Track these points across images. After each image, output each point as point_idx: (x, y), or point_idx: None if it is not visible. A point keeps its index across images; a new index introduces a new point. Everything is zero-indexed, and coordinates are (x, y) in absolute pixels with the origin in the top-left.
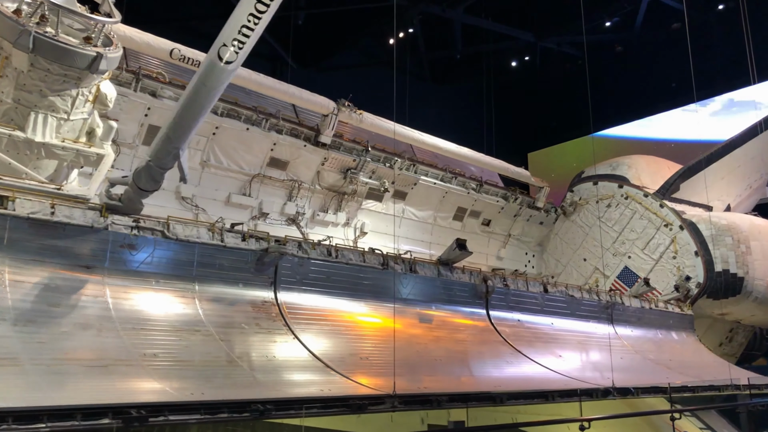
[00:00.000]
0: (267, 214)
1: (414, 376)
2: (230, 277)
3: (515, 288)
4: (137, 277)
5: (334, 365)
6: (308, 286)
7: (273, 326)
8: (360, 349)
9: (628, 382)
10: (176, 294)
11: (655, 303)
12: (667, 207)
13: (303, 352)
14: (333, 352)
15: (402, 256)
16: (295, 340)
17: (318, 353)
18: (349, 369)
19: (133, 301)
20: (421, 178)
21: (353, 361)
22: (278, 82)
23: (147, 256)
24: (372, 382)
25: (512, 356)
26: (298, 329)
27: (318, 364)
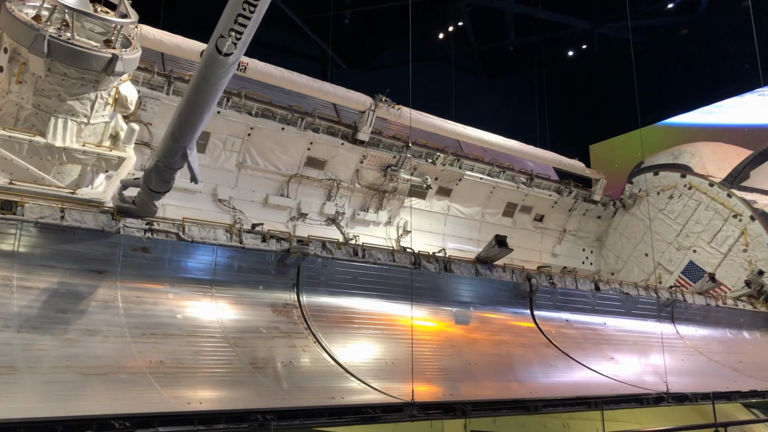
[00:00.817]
0: (306, 215)
1: (445, 382)
2: (250, 280)
3: (562, 286)
4: (151, 281)
5: (356, 371)
6: (333, 287)
7: (293, 330)
8: (387, 353)
9: (689, 386)
10: (192, 298)
11: (723, 300)
12: (736, 196)
13: (324, 357)
14: (357, 358)
15: (436, 254)
16: (316, 344)
17: (340, 358)
18: (373, 375)
19: (145, 306)
20: (466, 174)
21: (378, 366)
22: (312, 80)
23: (161, 259)
24: (394, 389)
25: (557, 359)
26: (320, 333)
27: (338, 369)
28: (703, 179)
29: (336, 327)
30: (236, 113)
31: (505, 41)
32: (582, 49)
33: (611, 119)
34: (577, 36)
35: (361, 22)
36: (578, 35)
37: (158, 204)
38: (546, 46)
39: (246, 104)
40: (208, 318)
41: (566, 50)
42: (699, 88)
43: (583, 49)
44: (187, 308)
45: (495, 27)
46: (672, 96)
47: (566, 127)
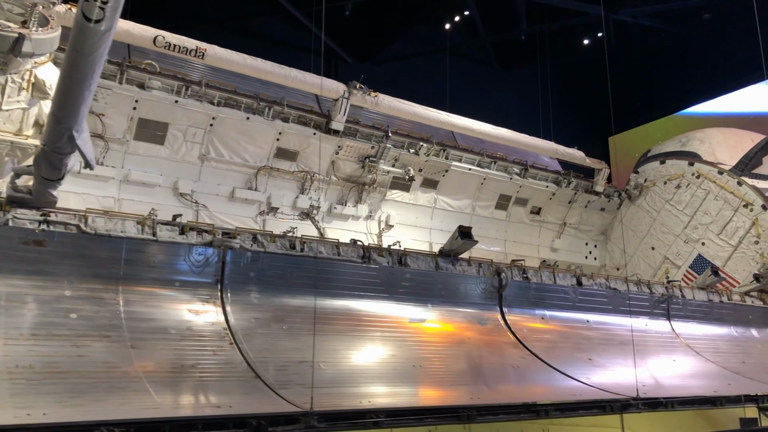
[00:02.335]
0: (277, 209)
1: (372, 387)
2: (165, 276)
3: (538, 281)
4: (44, 277)
5: (269, 376)
6: (264, 284)
7: (209, 330)
8: (316, 356)
9: (670, 390)
10: (93, 296)
11: (728, 295)
12: (747, 184)
13: (237, 360)
14: (276, 361)
15: (391, 247)
16: (232, 346)
17: (255, 362)
18: (287, 380)
19: (32, 305)
20: (453, 164)
21: (298, 371)
22: (278, 66)
23: (59, 253)
24: (306, 397)
25: (522, 360)
26: (240, 334)
27: (249, 374)
28: (711, 167)
29: (262, 327)
30: (196, 102)
31: (516, 30)
32: (597, 36)
33: (631, 109)
34: (592, 23)
35: (364, 13)
36: (593, 22)
37: (114, 199)
38: (559, 34)
39: (207, 93)
40: (107, 317)
41: (581, 38)
42: (723, 73)
43: (598, 36)
44: (83, 307)
45: (504, 15)
46: (695, 83)
47: (584, 118)
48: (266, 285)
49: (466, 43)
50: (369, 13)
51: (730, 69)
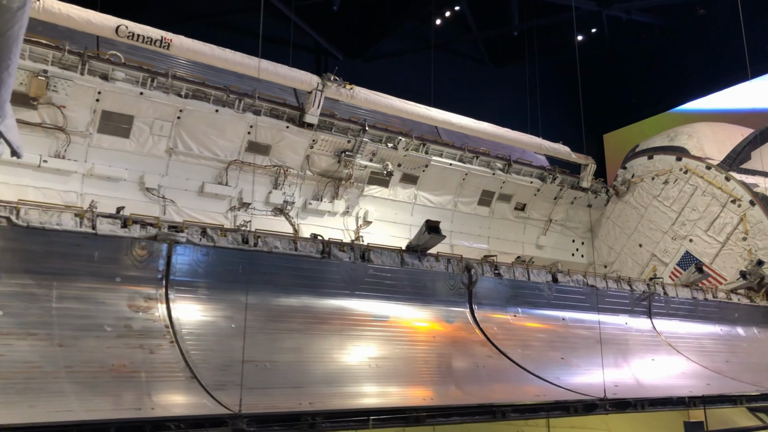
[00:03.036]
0: (249, 205)
1: (318, 388)
2: (104, 271)
3: (511, 277)
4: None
5: (208, 377)
6: (214, 280)
7: (149, 328)
8: (268, 356)
9: (643, 391)
10: (24, 292)
11: (713, 293)
12: (735, 179)
13: (174, 359)
14: (219, 361)
15: (355, 242)
16: (173, 345)
17: (194, 361)
18: (226, 381)
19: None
20: (433, 159)
21: (244, 371)
22: (248, 57)
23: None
24: (248, 399)
25: (488, 359)
26: (183, 332)
27: (185, 374)
28: (699, 162)
29: (209, 326)
30: (162, 94)
31: (507, 26)
32: (591, 32)
33: (625, 106)
34: (585, 19)
35: (354, 9)
36: (586, 18)
37: (77, 193)
38: (552, 30)
39: (174, 85)
40: (37, 315)
41: (575, 34)
42: (718, 70)
43: (592, 32)
44: (11, 303)
45: (495, 11)
46: (690, 79)
47: (578, 116)
48: (216, 281)
49: (457, 40)
50: (358, 8)
51: (726, 65)
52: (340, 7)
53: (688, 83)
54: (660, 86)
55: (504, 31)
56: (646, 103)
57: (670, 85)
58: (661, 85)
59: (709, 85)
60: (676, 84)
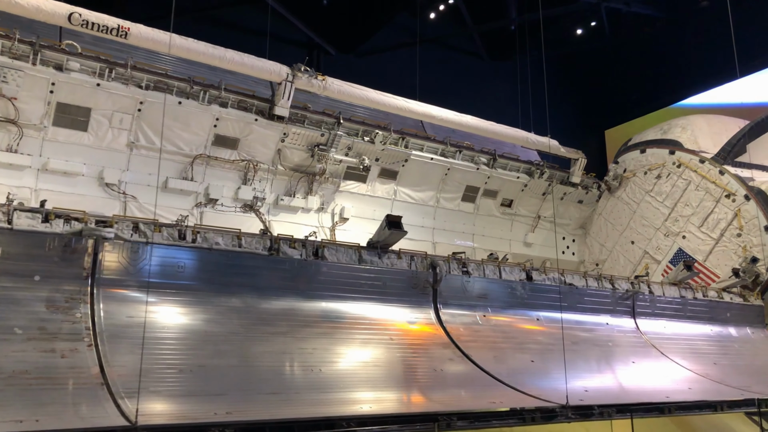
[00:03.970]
0: (216, 201)
1: (244, 397)
2: (21, 269)
3: (480, 275)
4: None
5: (126, 384)
6: (146, 279)
7: (67, 331)
8: (199, 360)
9: (614, 396)
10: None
11: (703, 292)
12: (729, 173)
13: (88, 364)
14: (138, 366)
15: (308, 238)
16: (90, 349)
17: (113, 366)
18: (142, 387)
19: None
20: (413, 153)
21: (168, 377)
22: (212, 47)
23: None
24: (161, 409)
25: (450, 363)
26: (106, 334)
27: (95, 381)
28: (693, 155)
29: (137, 327)
30: (121, 86)
31: (504, 20)
32: (591, 26)
33: (627, 101)
34: (584, 11)
35: (345, 3)
36: (585, 11)
37: (31, 189)
38: (551, 24)
39: (134, 76)
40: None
41: (574, 28)
42: (724, 62)
43: (591, 26)
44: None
45: (491, 4)
46: (693, 73)
47: (579, 112)
48: (152, 280)
49: (452, 34)
50: (349, 2)
51: (730, 58)
52: (330, 1)
53: (692, 77)
54: (663, 80)
55: (500, 25)
56: (648, 98)
57: (673, 79)
58: (664, 79)
59: (714, 78)
60: (680, 78)
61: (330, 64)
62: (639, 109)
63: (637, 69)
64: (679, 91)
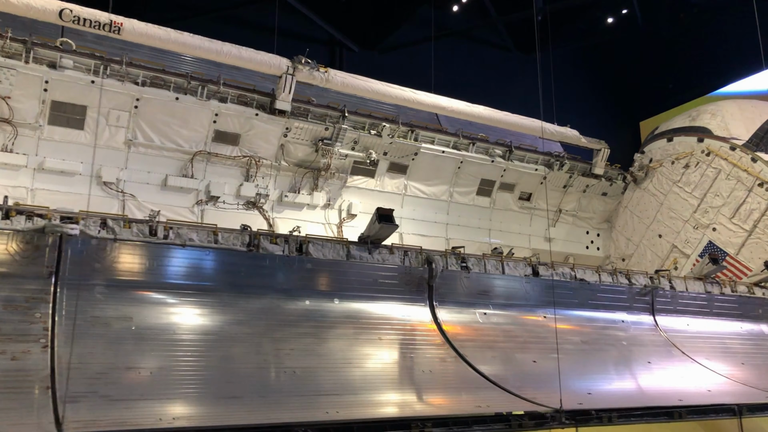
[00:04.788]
0: (217, 198)
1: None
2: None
3: (481, 270)
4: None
5: (77, 386)
6: (115, 277)
7: (23, 331)
8: (165, 363)
9: (624, 399)
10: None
11: (732, 286)
12: (762, 161)
13: (42, 366)
14: (99, 367)
15: (292, 233)
16: (45, 350)
17: (69, 368)
18: (91, 392)
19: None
20: (423, 146)
21: (118, 379)
22: (208, 41)
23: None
24: (92, 414)
25: (442, 363)
26: (62, 336)
27: (42, 384)
28: (723, 143)
29: (101, 327)
30: (117, 83)
31: (530, 10)
32: (621, 14)
33: (662, 91)
34: None
35: None
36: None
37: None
38: (580, 13)
39: (129, 72)
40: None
41: (604, 17)
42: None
43: (623, 14)
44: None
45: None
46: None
47: (612, 104)
48: (117, 278)
49: (476, 26)
50: None
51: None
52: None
53: (730, 63)
54: (700, 68)
55: (526, 15)
56: (685, 87)
57: (711, 66)
58: (701, 67)
59: (755, 64)
60: (718, 64)
61: (353, 60)
62: (675, 99)
63: (672, 57)
64: (718, 78)
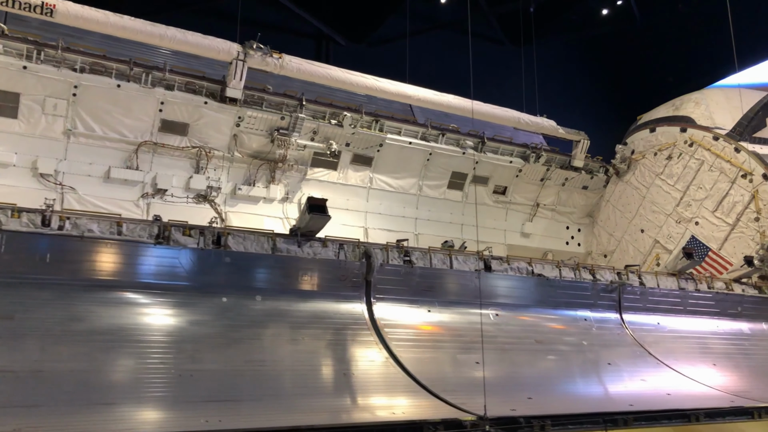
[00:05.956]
0: (165, 191)
1: (67, 407)
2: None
3: (426, 265)
4: None
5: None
6: (4, 272)
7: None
8: (48, 365)
9: (567, 404)
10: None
11: (708, 283)
12: (746, 151)
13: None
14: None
15: (212, 224)
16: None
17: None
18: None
19: None
20: (389, 137)
21: None
22: (152, 25)
23: None
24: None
25: (367, 366)
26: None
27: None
28: (706, 132)
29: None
30: (52, 69)
31: (522, 1)
32: (616, 4)
33: (661, 84)
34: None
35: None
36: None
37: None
38: (574, 5)
39: (66, 58)
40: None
41: (599, 8)
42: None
43: (617, 5)
44: None
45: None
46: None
47: (609, 97)
48: (6, 274)
49: (466, 19)
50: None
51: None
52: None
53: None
54: (700, 59)
55: (518, 6)
56: (685, 79)
57: (711, 58)
58: (702, 59)
59: (757, 54)
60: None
61: (340, 54)
62: (675, 91)
63: (671, 49)
64: (719, 70)
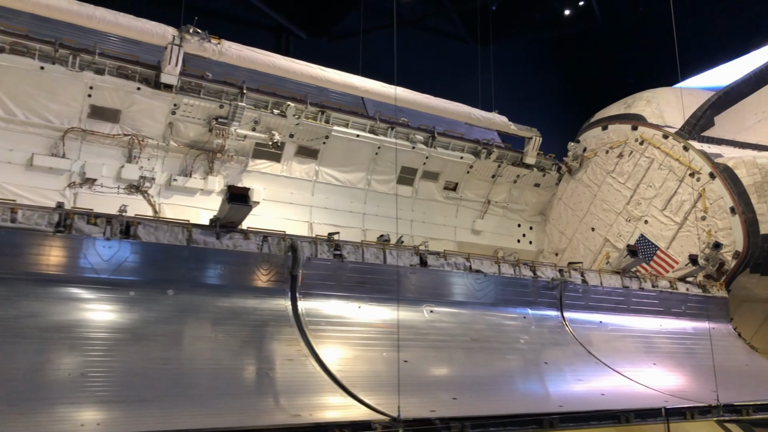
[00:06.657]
0: (94, 181)
1: None
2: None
3: (357, 259)
4: None
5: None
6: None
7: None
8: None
9: (496, 405)
10: None
11: (653, 281)
12: (693, 149)
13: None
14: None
15: (120, 215)
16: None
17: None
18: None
19: None
20: (335, 129)
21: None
22: (83, 5)
23: None
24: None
25: (287, 365)
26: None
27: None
28: (657, 130)
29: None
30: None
31: None
32: (578, 5)
33: (623, 85)
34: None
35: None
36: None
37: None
38: (537, 4)
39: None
40: None
41: (561, 8)
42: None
43: (580, 5)
44: None
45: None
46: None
47: (572, 98)
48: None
49: (429, 15)
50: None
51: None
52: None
53: (693, 55)
54: (660, 61)
55: (481, 4)
56: (646, 81)
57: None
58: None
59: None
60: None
61: (300, 48)
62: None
63: (631, 50)
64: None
